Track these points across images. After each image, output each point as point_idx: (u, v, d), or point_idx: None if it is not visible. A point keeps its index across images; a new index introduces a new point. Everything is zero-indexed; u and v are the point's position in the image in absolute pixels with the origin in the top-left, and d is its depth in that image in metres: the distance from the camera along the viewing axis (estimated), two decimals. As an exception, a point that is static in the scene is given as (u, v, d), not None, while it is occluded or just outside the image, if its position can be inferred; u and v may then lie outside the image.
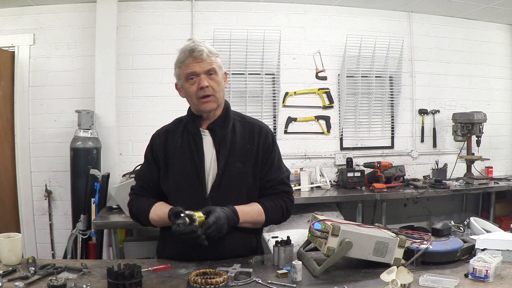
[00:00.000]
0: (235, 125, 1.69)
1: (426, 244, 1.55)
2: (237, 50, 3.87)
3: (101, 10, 3.66)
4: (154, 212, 1.63)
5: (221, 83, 1.63)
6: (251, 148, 1.65)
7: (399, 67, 4.23)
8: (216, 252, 1.58)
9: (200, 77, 1.57)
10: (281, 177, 1.69)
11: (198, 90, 1.58)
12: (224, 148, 1.62)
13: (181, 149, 1.65)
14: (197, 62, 1.57)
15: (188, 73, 1.58)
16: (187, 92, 1.62)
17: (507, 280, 1.37)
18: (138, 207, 1.69)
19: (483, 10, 4.17)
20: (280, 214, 1.67)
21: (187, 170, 1.62)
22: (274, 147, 1.71)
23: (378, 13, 4.24)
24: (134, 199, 1.72)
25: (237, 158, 1.63)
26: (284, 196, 1.68)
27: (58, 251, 3.78)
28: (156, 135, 1.75)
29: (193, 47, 1.56)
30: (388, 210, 3.72)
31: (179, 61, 1.61)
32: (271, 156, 1.69)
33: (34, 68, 3.75)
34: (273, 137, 1.73)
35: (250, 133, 1.69)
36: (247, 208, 1.60)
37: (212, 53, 1.60)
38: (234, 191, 1.62)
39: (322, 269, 1.42)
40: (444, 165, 4.31)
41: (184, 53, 1.58)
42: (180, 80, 1.64)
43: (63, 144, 3.67)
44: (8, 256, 1.54)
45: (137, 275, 1.31)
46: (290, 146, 4.11)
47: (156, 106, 3.75)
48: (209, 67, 1.58)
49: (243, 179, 1.63)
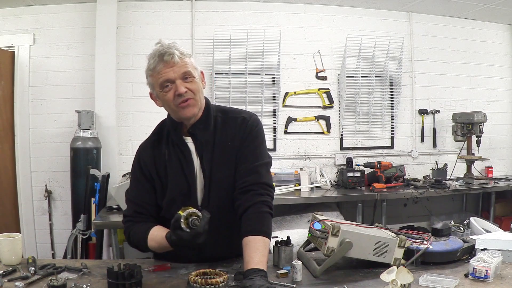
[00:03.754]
0: (217, 123, 1.56)
1: (426, 244, 1.55)
2: (237, 50, 3.87)
3: (101, 10, 3.66)
4: (152, 240, 1.47)
5: (199, 85, 1.50)
6: (232, 145, 1.54)
7: (399, 67, 4.23)
8: (216, 252, 1.57)
9: (175, 83, 1.44)
10: (258, 177, 1.50)
11: (176, 97, 1.45)
12: (207, 154, 1.52)
13: (170, 161, 1.55)
14: (169, 67, 1.44)
15: (162, 81, 1.45)
16: (163, 101, 1.50)
17: (507, 280, 1.37)
18: (135, 235, 1.53)
19: (483, 10, 4.16)
20: (269, 218, 1.49)
21: (179, 183, 1.53)
22: (250, 133, 1.55)
23: (378, 13, 4.24)
24: (129, 227, 1.56)
25: (221, 162, 1.53)
26: (264, 199, 1.48)
27: (58, 251, 3.78)
28: (141, 149, 1.62)
29: (162, 51, 1.44)
30: (388, 210, 3.72)
31: (149, 69, 1.47)
32: (244, 143, 1.54)
33: (34, 68, 3.75)
34: (252, 124, 1.56)
35: (231, 128, 1.56)
36: (261, 255, 1.36)
37: (184, 54, 1.48)
38: (223, 197, 1.53)
39: (322, 269, 1.42)
40: (444, 165, 4.31)
41: (154, 59, 1.45)
42: (154, 89, 1.51)
43: (63, 144, 3.67)
44: (8, 256, 1.53)
45: (137, 275, 1.31)
46: (290, 146, 4.11)
47: (156, 106, 3.73)
48: (183, 70, 1.45)
49: (229, 183, 1.53)
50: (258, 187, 1.49)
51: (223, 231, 1.54)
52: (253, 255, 1.34)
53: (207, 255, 1.57)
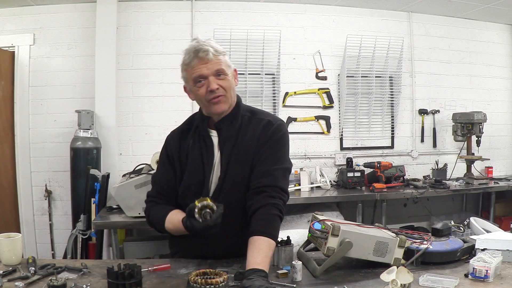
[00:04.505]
0: (243, 122, 1.61)
1: (426, 244, 1.55)
2: (237, 50, 3.87)
3: (101, 10, 3.66)
4: (169, 221, 1.56)
5: (231, 82, 1.56)
6: (252, 144, 1.57)
7: (399, 67, 4.23)
8: (219, 247, 1.58)
9: (208, 79, 1.50)
10: (273, 180, 1.51)
11: (208, 92, 1.51)
12: (227, 150, 1.57)
13: (192, 150, 1.62)
14: (203, 64, 1.49)
15: (196, 76, 1.51)
16: (196, 95, 1.56)
17: (507, 280, 1.37)
18: (154, 215, 1.62)
19: (483, 10, 4.16)
20: (278, 221, 1.51)
21: (196, 172, 1.59)
22: (272, 137, 1.58)
23: (378, 13, 4.24)
24: (151, 207, 1.65)
25: (238, 159, 1.57)
26: (275, 202, 1.50)
27: (58, 251, 3.78)
28: (170, 137, 1.70)
29: (198, 47, 1.49)
30: (388, 210, 3.72)
31: (184, 63, 1.53)
32: (265, 146, 1.56)
33: (34, 68, 3.75)
34: (276, 129, 1.60)
35: (254, 128, 1.60)
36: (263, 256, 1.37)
37: (219, 51, 1.53)
38: (234, 193, 1.57)
39: (322, 269, 1.42)
40: (444, 165, 4.31)
41: (189, 55, 1.51)
42: (188, 83, 1.57)
43: (63, 144, 3.67)
44: (8, 256, 1.53)
45: (137, 275, 1.31)
46: (290, 146, 4.09)
47: (156, 106, 3.73)
48: (217, 68, 1.51)
49: (242, 181, 1.56)
50: (271, 190, 1.51)
51: (228, 227, 1.52)
52: (256, 255, 1.35)
53: (210, 249, 1.59)
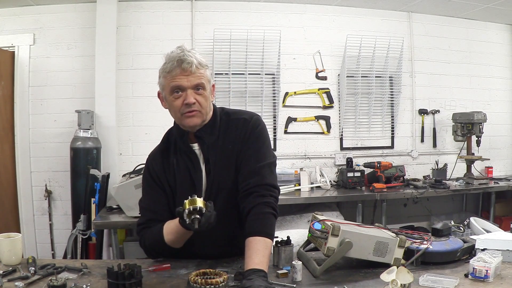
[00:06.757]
0: (221, 127, 1.57)
1: (426, 244, 1.55)
2: (237, 50, 3.87)
3: (101, 10, 3.66)
4: (168, 233, 1.49)
5: (208, 98, 1.50)
6: (232, 148, 1.54)
7: (399, 67, 4.23)
8: (216, 253, 1.59)
9: (186, 92, 1.45)
10: (260, 179, 1.50)
11: (184, 105, 1.45)
12: (212, 157, 1.54)
13: (178, 169, 1.57)
14: (185, 75, 1.43)
15: (174, 86, 1.45)
16: (170, 105, 1.50)
17: (507, 280, 1.37)
18: (150, 237, 1.55)
19: (483, 10, 4.16)
20: (272, 219, 1.50)
21: (187, 189, 1.53)
22: (251, 134, 1.54)
23: (378, 13, 4.24)
24: (144, 233, 1.57)
25: (223, 165, 1.54)
26: (266, 200, 1.49)
27: (58, 251, 3.78)
28: (151, 159, 1.64)
29: (182, 57, 1.43)
30: (388, 210, 3.71)
31: (165, 71, 1.46)
32: (246, 145, 1.54)
33: (34, 68, 3.75)
34: (254, 125, 1.56)
35: (232, 131, 1.56)
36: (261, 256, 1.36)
37: (202, 65, 1.48)
38: (226, 200, 1.54)
39: (322, 269, 1.42)
40: (444, 165, 4.31)
41: (171, 63, 1.44)
42: (164, 91, 1.51)
43: (63, 144, 3.67)
44: (8, 256, 1.53)
45: (137, 275, 1.31)
46: (290, 146, 4.11)
47: (156, 106, 3.65)
48: (197, 82, 1.45)
49: (233, 186, 1.53)
50: (260, 189, 1.49)
51: (223, 233, 1.55)
52: (254, 256, 1.34)
53: (207, 254, 1.60)
